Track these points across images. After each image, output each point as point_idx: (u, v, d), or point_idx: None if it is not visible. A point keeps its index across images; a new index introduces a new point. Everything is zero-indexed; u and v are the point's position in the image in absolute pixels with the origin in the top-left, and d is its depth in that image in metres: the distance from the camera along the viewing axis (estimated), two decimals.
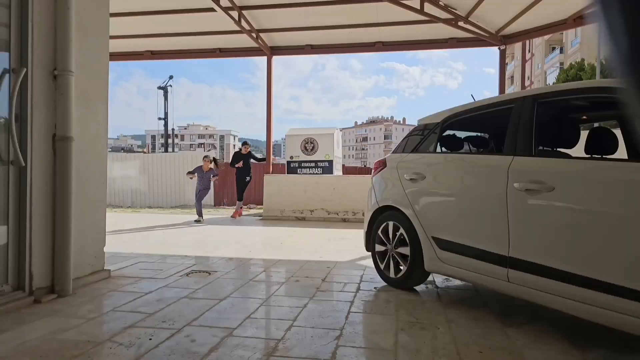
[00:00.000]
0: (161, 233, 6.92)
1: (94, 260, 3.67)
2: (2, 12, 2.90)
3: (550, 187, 2.28)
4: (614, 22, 0.37)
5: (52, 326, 2.55)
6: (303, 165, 10.21)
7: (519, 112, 2.68)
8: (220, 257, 4.79)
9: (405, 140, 3.80)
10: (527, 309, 2.94)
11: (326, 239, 6.36)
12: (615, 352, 2.29)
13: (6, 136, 2.88)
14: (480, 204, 2.81)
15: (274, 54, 9.46)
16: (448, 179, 3.20)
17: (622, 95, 0.38)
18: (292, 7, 7.55)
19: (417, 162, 3.47)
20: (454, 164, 3.22)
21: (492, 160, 2.87)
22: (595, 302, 2.04)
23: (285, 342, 2.35)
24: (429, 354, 2.21)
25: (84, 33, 3.46)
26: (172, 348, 2.24)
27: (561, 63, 40.68)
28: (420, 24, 7.91)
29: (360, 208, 8.52)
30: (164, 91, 37.92)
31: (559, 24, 7.66)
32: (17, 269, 2.98)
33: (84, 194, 3.50)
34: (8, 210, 2.93)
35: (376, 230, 3.67)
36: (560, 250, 2.25)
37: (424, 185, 3.27)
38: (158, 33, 8.93)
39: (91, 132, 3.60)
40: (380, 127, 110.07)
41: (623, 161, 2.36)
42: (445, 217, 3.10)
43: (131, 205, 14.32)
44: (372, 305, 3.11)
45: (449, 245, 2.97)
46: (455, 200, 3.08)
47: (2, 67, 2.88)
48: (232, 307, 2.97)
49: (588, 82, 2.51)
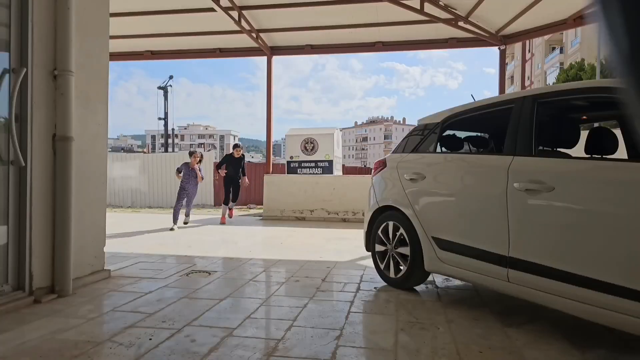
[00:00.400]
0: (161, 233, 6.92)
1: (94, 260, 3.67)
2: (2, 12, 2.90)
3: (550, 187, 2.28)
4: (614, 22, 0.37)
5: (52, 326, 2.55)
6: (303, 165, 10.21)
7: (519, 112, 2.68)
8: (220, 257, 4.79)
9: (405, 140, 3.80)
10: (527, 309, 2.94)
11: (326, 239, 6.36)
12: (615, 352, 2.29)
13: (6, 136, 2.88)
14: (480, 204, 2.80)
15: (274, 54, 9.46)
16: (448, 179, 3.20)
17: (622, 95, 0.38)
18: (292, 7, 7.55)
19: (417, 162, 3.47)
20: (454, 164, 3.22)
21: (492, 160, 2.87)
22: (595, 302, 2.04)
23: (285, 342, 2.35)
24: (429, 354, 2.21)
25: (84, 33, 3.46)
26: (172, 348, 2.24)
27: (561, 63, 40.68)
28: (420, 24, 7.91)
29: (360, 208, 8.52)
30: (164, 91, 37.90)
31: (559, 24, 7.66)
32: (17, 269, 2.98)
33: (84, 194, 3.50)
34: (8, 210, 2.93)
35: (376, 230, 3.67)
36: (560, 250, 2.25)
37: (424, 185, 3.27)
38: (158, 33, 8.93)
39: (91, 132, 3.60)
40: (380, 127, 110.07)
41: (623, 161, 2.35)
42: (445, 217, 3.10)
43: (131, 205, 14.32)
44: (372, 305, 3.11)
45: (449, 245, 2.97)
46: (455, 200, 3.08)
47: (2, 67, 2.88)
48: (232, 307, 2.97)
49: (588, 82, 2.51)
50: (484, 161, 3.01)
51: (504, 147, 2.74)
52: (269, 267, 4.36)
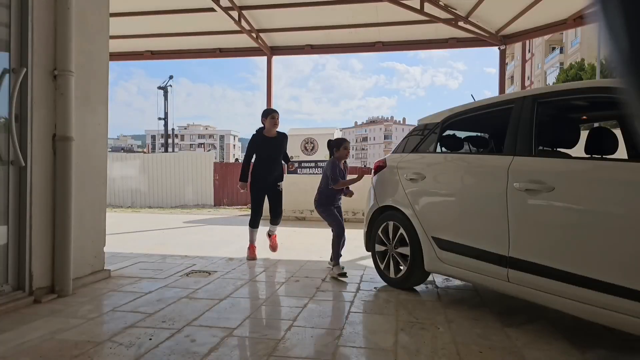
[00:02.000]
0: (161, 233, 6.92)
1: (94, 260, 3.67)
2: (2, 12, 2.90)
3: (550, 187, 2.28)
4: (614, 22, 0.37)
5: (52, 326, 2.55)
6: (303, 165, 10.22)
7: (519, 112, 2.68)
8: (220, 257, 4.79)
9: (405, 140, 3.80)
10: (527, 309, 2.94)
11: (326, 239, 6.34)
12: (615, 352, 2.29)
13: (6, 136, 2.88)
14: (480, 204, 2.80)
15: (274, 54, 9.45)
16: (448, 179, 3.20)
17: (622, 95, 0.38)
18: (292, 7, 7.55)
19: (417, 162, 3.47)
20: (454, 164, 3.22)
21: (492, 160, 2.87)
22: (595, 302, 2.04)
23: (285, 342, 2.35)
24: (429, 354, 2.21)
25: (84, 33, 3.46)
26: (172, 348, 2.24)
27: (561, 63, 40.68)
28: (420, 24, 7.91)
29: (360, 208, 8.52)
30: (164, 91, 37.92)
31: (559, 24, 7.65)
32: (17, 269, 2.98)
33: (84, 194, 3.50)
34: (8, 210, 2.93)
35: (376, 230, 3.67)
36: (560, 250, 2.25)
37: (424, 185, 3.27)
38: (158, 33, 8.92)
39: (91, 132, 3.60)
40: (380, 127, 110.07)
41: (623, 161, 2.35)
42: (445, 217, 3.10)
43: (131, 205, 14.32)
44: (372, 305, 3.11)
45: (449, 245, 2.97)
46: (455, 200, 3.08)
47: (2, 67, 2.88)
48: (232, 307, 2.97)
49: (588, 82, 2.51)
50: (484, 161, 3.01)
51: (504, 147, 2.74)
52: (269, 267, 4.35)
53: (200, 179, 14.64)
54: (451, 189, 3.14)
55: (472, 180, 3.01)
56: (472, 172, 3.00)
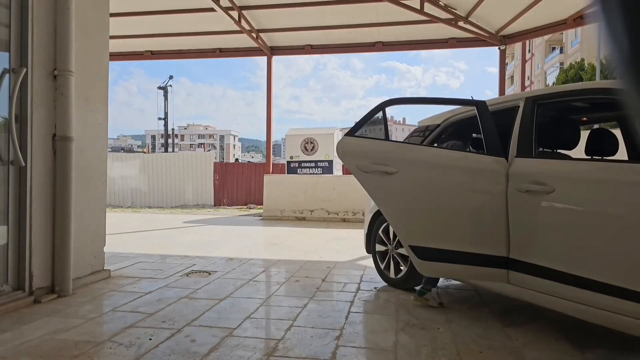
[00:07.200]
0: (161, 233, 6.92)
1: (94, 260, 3.67)
2: (2, 12, 2.90)
3: (551, 189, 2.28)
4: (614, 22, 0.37)
5: (52, 326, 2.55)
6: (303, 165, 10.22)
7: (519, 113, 2.68)
8: (220, 257, 4.79)
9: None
10: (527, 309, 2.94)
11: (326, 239, 6.36)
12: (615, 352, 2.29)
13: (6, 136, 2.88)
14: (480, 205, 2.80)
15: (274, 54, 9.46)
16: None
17: (622, 96, 0.38)
18: (292, 7, 7.55)
19: None
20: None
21: (492, 162, 2.86)
22: (595, 303, 2.04)
23: (285, 342, 2.35)
24: (429, 354, 2.21)
25: (84, 33, 3.47)
26: (172, 348, 2.24)
27: (561, 63, 40.68)
28: (420, 24, 7.91)
29: (360, 208, 8.52)
30: (164, 91, 37.93)
31: (559, 24, 7.65)
32: (17, 269, 2.98)
33: (84, 194, 3.50)
34: (8, 210, 2.93)
35: (377, 230, 3.67)
36: (561, 252, 2.25)
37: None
38: (158, 33, 8.92)
39: (91, 132, 3.60)
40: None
41: (623, 162, 2.35)
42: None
43: (131, 205, 14.32)
44: (372, 305, 3.11)
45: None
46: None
47: (2, 67, 2.88)
48: (232, 307, 2.97)
49: (588, 84, 2.51)
50: (484, 162, 3.00)
51: (505, 149, 2.74)
52: (269, 267, 4.35)
53: (200, 178, 14.65)
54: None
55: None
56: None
